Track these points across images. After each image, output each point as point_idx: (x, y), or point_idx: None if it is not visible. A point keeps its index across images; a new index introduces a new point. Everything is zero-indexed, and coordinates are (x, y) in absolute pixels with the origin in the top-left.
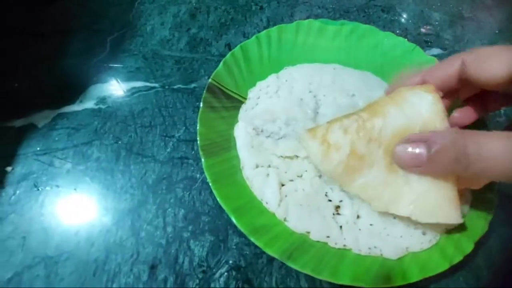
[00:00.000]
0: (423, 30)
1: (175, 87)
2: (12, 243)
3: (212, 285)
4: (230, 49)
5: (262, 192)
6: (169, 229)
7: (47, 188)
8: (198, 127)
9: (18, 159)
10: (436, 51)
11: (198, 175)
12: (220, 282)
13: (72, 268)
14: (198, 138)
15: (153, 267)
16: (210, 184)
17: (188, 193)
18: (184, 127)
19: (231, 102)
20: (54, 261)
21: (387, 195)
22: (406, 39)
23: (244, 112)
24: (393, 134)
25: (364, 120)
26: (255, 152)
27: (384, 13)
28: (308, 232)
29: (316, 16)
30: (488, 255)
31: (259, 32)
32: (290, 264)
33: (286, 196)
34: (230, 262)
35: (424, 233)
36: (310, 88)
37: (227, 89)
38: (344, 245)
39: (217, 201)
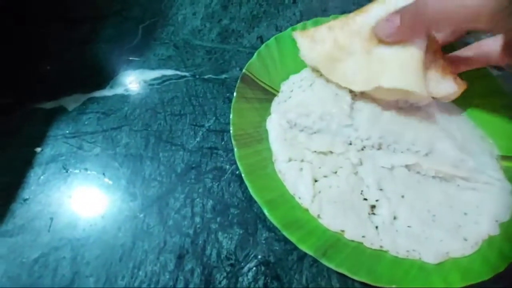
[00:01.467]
0: None
1: (205, 77)
2: (39, 223)
3: (240, 279)
4: (262, 42)
5: (295, 186)
6: (197, 219)
7: (76, 170)
8: (231, 117)
9: (47, 140)
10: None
11: (227, 166)
12: (249, 277)
13: (98, 252)
14: (231, 128)
15: (180, 257)
16: (243, 175)
17: (217, 184)
18: (214, 117)
19: (264, 94)
20: (80, 243)
21: (363, 76)
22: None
23: (277, 105)
24: (372, 26)
25: (348, 18)
26: (288, 145)
27: None
28: (343, 231)
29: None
30: None
31: (291, 25)
32: (325, 262)
33: (319, 192)
34: (259, 256)
35: (466, 239)
36: None
37: (260, 80)
38: (381, 246)
39: (246, 194)
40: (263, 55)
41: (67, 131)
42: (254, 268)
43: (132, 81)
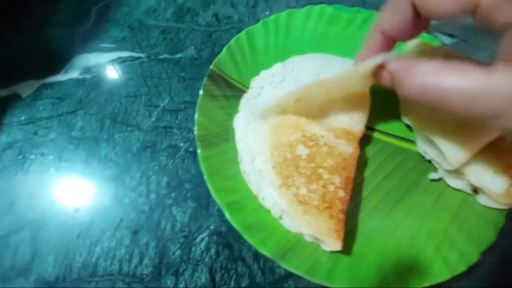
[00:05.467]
0: None
1: (161, 57)
2: None
3: (193, 249)
4: (217, 20)
5: (259, 187)
6: (152, 196)
7: (32, 156)
8: (196, 116)
9: (2, 128)
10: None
11: (181, 144)
12: (201, 246)
13: (57, 231)
14: (195, 128)
15: (135, 232)
16: (205, 177)
17: (171, 161)
18: (169, 97)
19: (233, 91)
20: (39, 224)
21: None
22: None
23: (246, 102)
24: None
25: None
26: None
27: None
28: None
29: None
30: (495, 267)
31: (247, 2)
32: (283, 264)
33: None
34: (212, 227)
35: None
36: None
37: (229, 77)
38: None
39: (199, 169)
40: (233, 50)
41: (22, 118)
42: (207, 238)
43: (87, 65)
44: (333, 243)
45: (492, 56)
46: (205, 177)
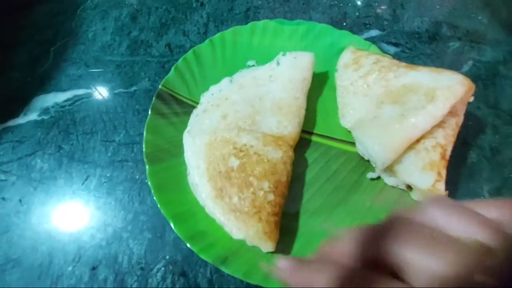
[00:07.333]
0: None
1: (116, 91)
2: None
3: (149, 280)
4: (170, 49)
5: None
6: (110, 230)
7: None
8: (144, 135)
9: None
10: (374, 32)
11: (137, 176)
12: (157, 277)
13: (18, 274)
14: (143, 146)
15: (93, 268)
16: (152, 190)
17: (127, 194)
18: (124, 131)
19: (182, 108)
20: (1, 269)
21: (355, 115)
22: (361, 38)
23: (195, 117)
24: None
25: (399, 65)
26: None
27: None
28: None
29: (256, 8)
30: None
31: (199, 29)
32: (223, 268)
33: None
34: (167, 257)
35: None
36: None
37: (178, 94)
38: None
39: (154, 200)
40: (181, 69)
41: None
42: (163, 268)
43: (45, 106)
44: (264, 245)
45: (436, 61)
46: (152, 191)
